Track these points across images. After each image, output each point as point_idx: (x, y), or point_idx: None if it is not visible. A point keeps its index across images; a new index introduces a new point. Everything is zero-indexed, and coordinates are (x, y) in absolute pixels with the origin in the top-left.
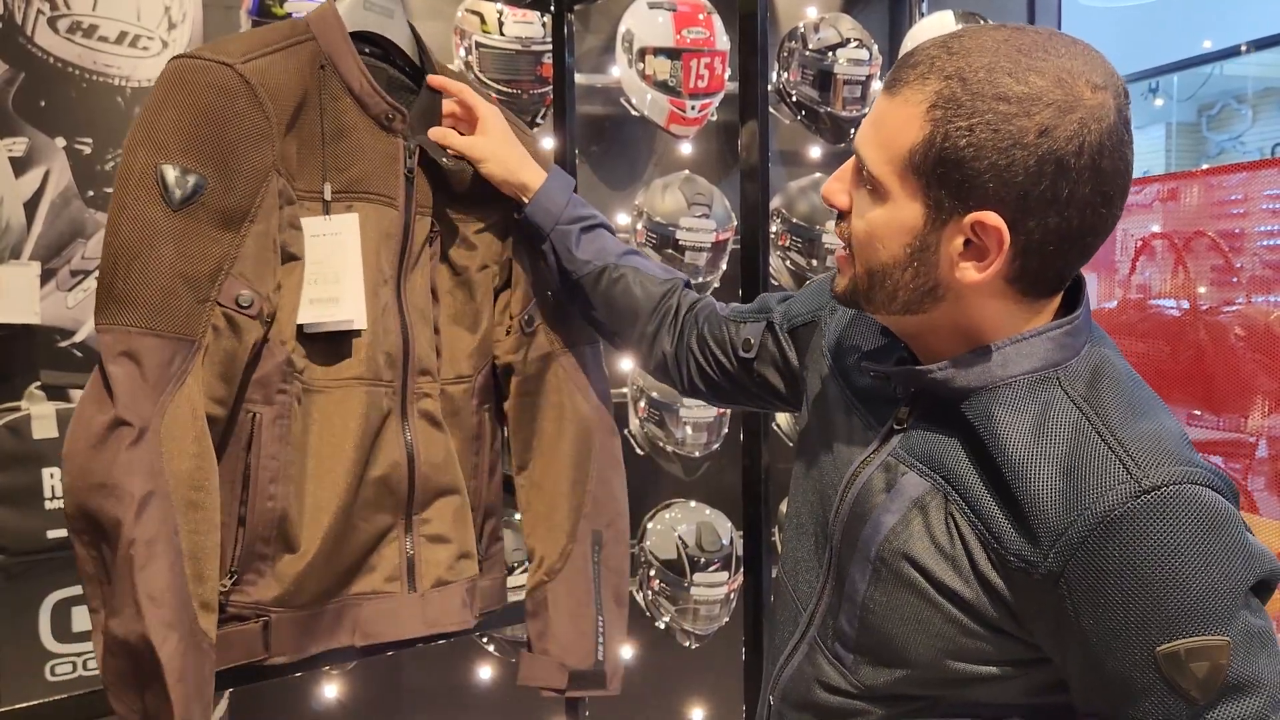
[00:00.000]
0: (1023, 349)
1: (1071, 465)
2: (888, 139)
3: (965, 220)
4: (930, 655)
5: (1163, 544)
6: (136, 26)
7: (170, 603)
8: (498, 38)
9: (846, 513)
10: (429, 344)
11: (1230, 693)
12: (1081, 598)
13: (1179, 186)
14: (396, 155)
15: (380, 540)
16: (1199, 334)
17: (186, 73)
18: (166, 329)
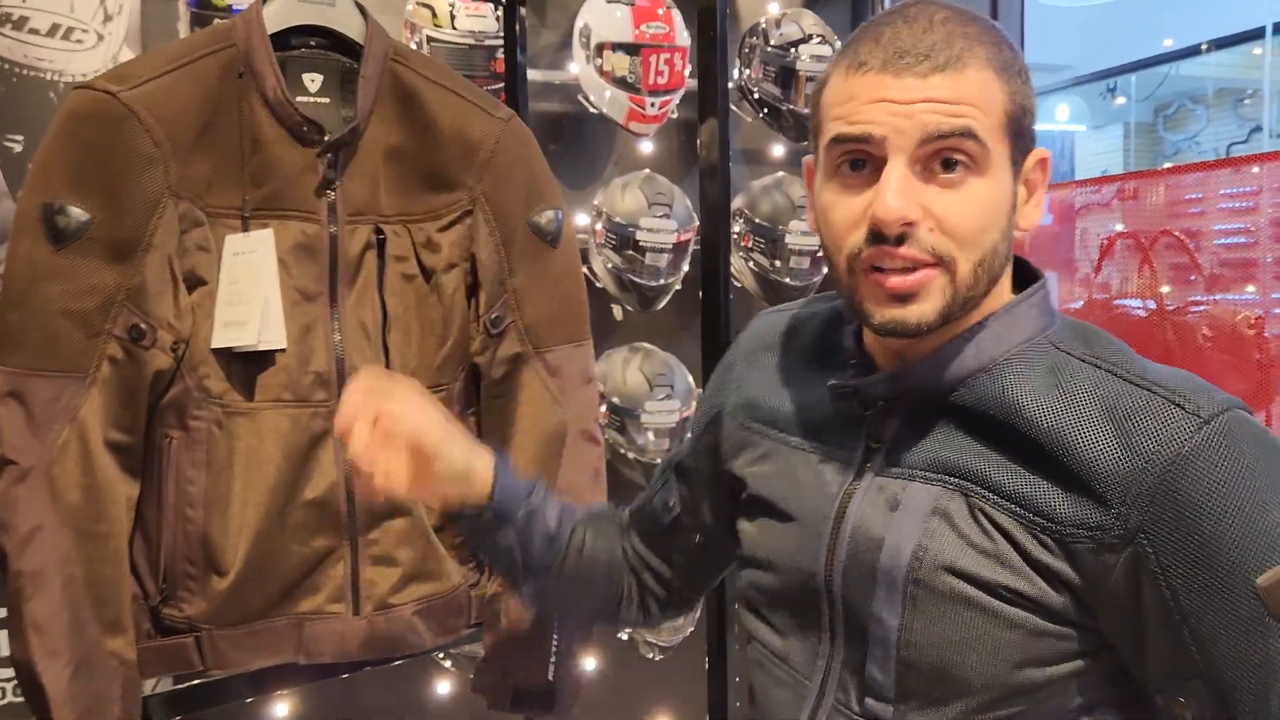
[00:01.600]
0: (1012, 321)
1: (1115, 415)
2: (983, 108)
3: (1026, 164)
4: (993, 671)
5: (1237, 470)
6: (70, 19)
7: (58, 631)
8: (449, 31)
9: (845, 556)
10: (373, 360)
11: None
12: (1167, 549)
13: (1139, 186)
14: (313, 166)
15: (323, 561)
16: (1166, 334)
17: (75, 105)
18: (52, 368)
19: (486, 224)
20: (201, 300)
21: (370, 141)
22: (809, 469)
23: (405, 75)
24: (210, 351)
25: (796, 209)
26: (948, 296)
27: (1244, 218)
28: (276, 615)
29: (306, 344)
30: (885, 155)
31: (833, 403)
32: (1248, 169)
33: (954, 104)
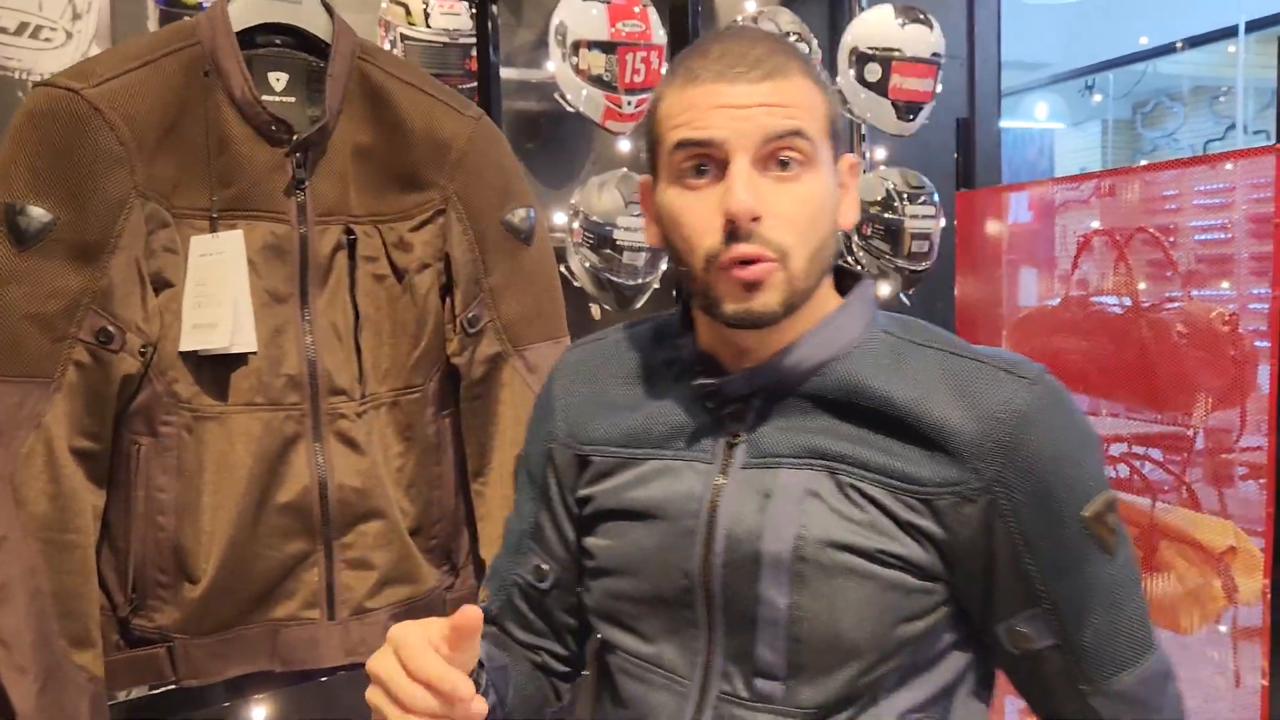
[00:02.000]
0: (851, 315)
1: (958, 386)
2: (808, 110)
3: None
4: (878, 632)
5: (1066, 422)
6: (38, 17)
7: (24, 646)
8: (424, 29)
9: (722, 550)
10: (344, 363)
11: (1122, 538)
12: (1018, 493)
13: (1116, 183)
14: (282, 166)
15: (297, 566)
16: (1141, 331)
17: (35, 103)
18: (15, 372)
19: (460, 223)
20: (169, 303)
21: (339, 141)
22: (664, 475)
23: (373, 74)
24: (179, 355)
25: None
26: (787, 289)
27: (1220, 214)
28: (250, 622)
29: (277, 346)
30: (728, 157)
31: (676, 408)
32: (1222, 165)
33: (785, 106)
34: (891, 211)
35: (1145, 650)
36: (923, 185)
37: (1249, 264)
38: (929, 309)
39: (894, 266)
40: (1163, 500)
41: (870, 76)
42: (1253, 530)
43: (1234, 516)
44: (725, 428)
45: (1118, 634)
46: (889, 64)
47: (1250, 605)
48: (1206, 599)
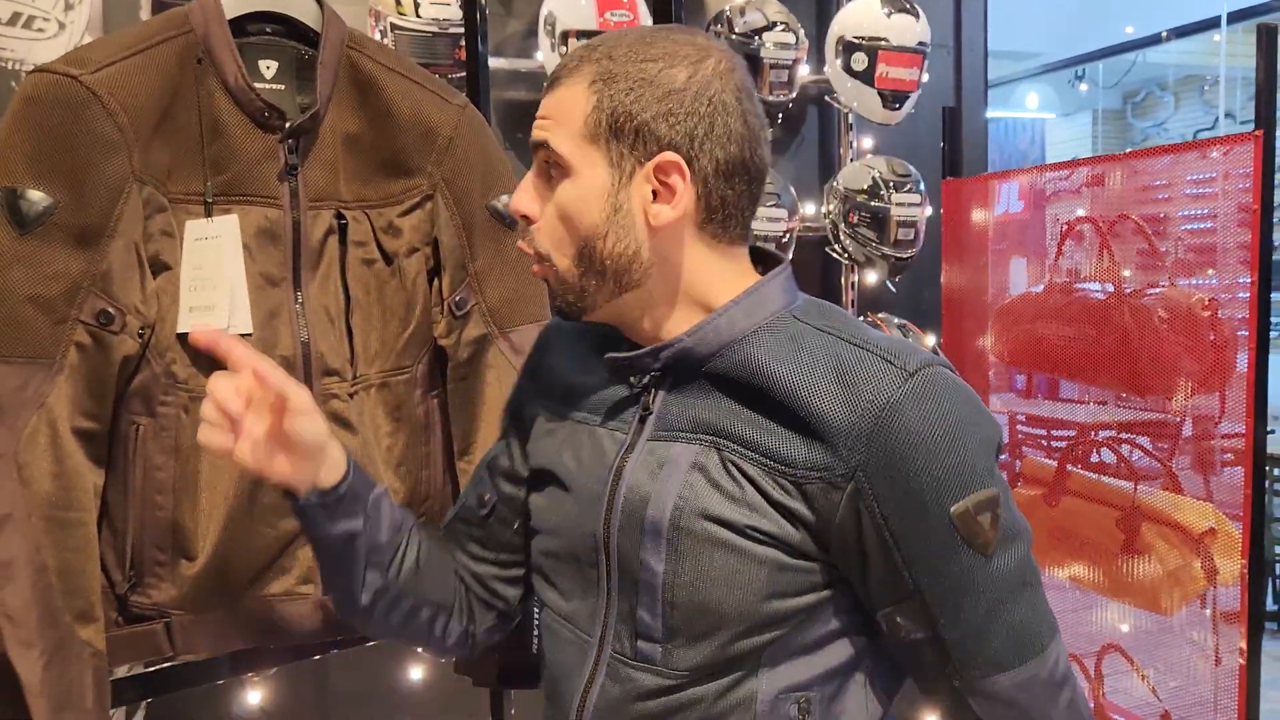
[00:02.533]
0: (758, 299)
1: (841, 372)
2: (560, 120)
3: (648, 167)
4: (746, 604)
5: (937, 415)
6: (30, 7)
7: (30, 621)
8: (414, 19)
9: (620, 513)
10: (336, 344)
11: (1006, 539)
12: (880, 484)
13: (1105, 171)
14: (275, 152)
15: (291, 543)
16: (1124, 317)
17: (35, 88)
18: (18, 354)
19: (447, 208)
20: (166, 285)
21: (329, 128)
22: (590, 440)
23: (362, 62)
24: (176, 337)
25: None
26: (561, 288)
27: (1207, 203)
28: (246, 598)
29: (271, 329)
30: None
31: (610, 380)
32: (1208, 153)
33: (546, 120)
34: (878, 200)
35: (1028, 655)
36: (909, 174)
37: (1236, 252)
38: (916, 296)
39: (880, 254)
40: (1146, 485)
41: (857, 65)
42: (1233, 514)
43: (1217, 501)
44: (639, 401)
45: (994, 635)
46: (875, 53)
47: (1229, 587)
48: (1186, 580)
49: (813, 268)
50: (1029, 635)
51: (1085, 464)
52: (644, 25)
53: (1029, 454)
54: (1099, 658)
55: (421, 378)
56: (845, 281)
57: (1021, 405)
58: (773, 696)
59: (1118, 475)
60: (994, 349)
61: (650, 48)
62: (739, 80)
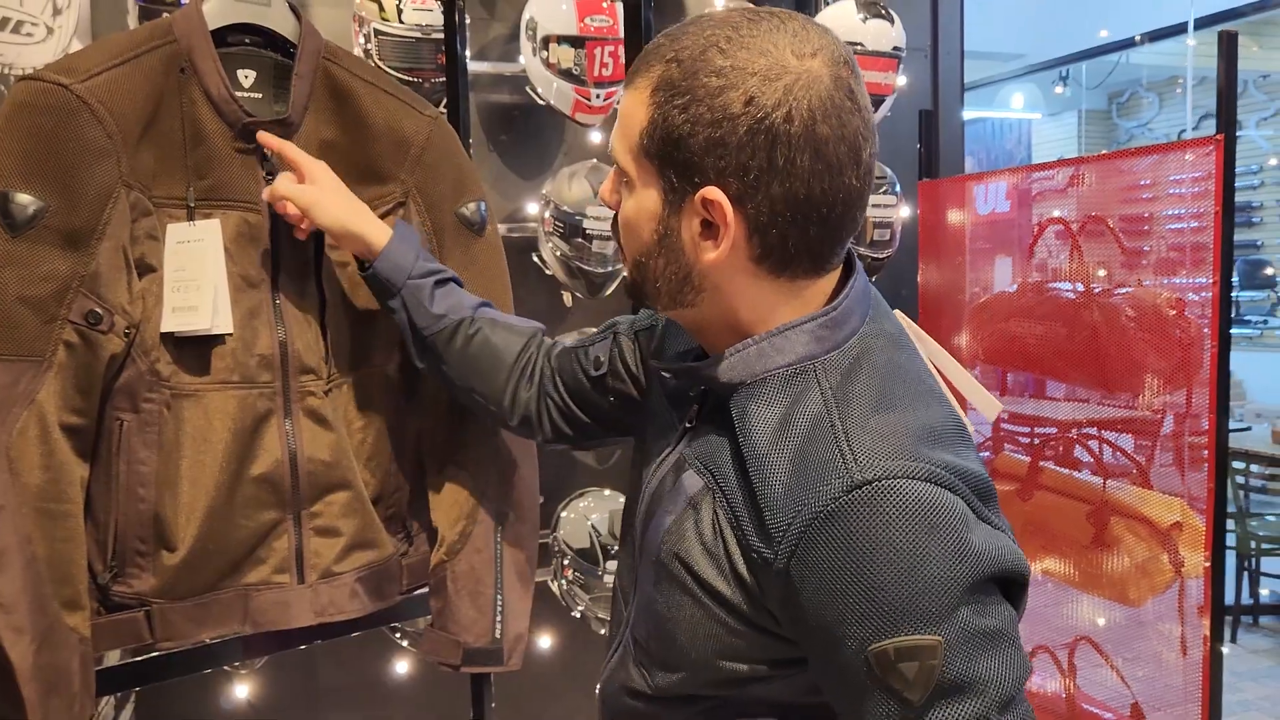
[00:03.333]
0: (779, 343)
1: (802, 458)
2: (625, 129)
3: (696, 199)
4: (704, 655)
5: (872, 540)
6: (19, 12)
7: (21, 608)
8: (396, 25)
9: (644, 514)
10: (312, 343)
11: (947, 694)
12: (807, 592)
13: (1085, 171)
14: (254, 159)
15: (269, 534)
16: (1093, 315)
17: (25, 96)
18: (9, 352)
19: (419, 214)
20: (150, 286)
21: (305, 136)
22: (658, 424)
23: (337, 73)
24: (160, 336)
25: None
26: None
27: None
28: (224, 588)
29: (251, 328)
30: None
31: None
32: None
33: (619, 122)
34: None
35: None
36: (884, 175)
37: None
38: (894, 295)
39: (857, 254)
40: (1117, 480)
41: None
42: (1202, 509)
43: (1191, 496)
44: (687, 411)
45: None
46: None
47: (1195, 578)
48: (1154, 572)
49: None
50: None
51: (1068, 461)
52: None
53: (1008, 451)
54: (1071, 649)
55: (393, 375)
56: None
57: (1004, 404)
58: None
59: (1093, 472)
60: (968, 347)
61: (723, 55)
62: (818, 97)
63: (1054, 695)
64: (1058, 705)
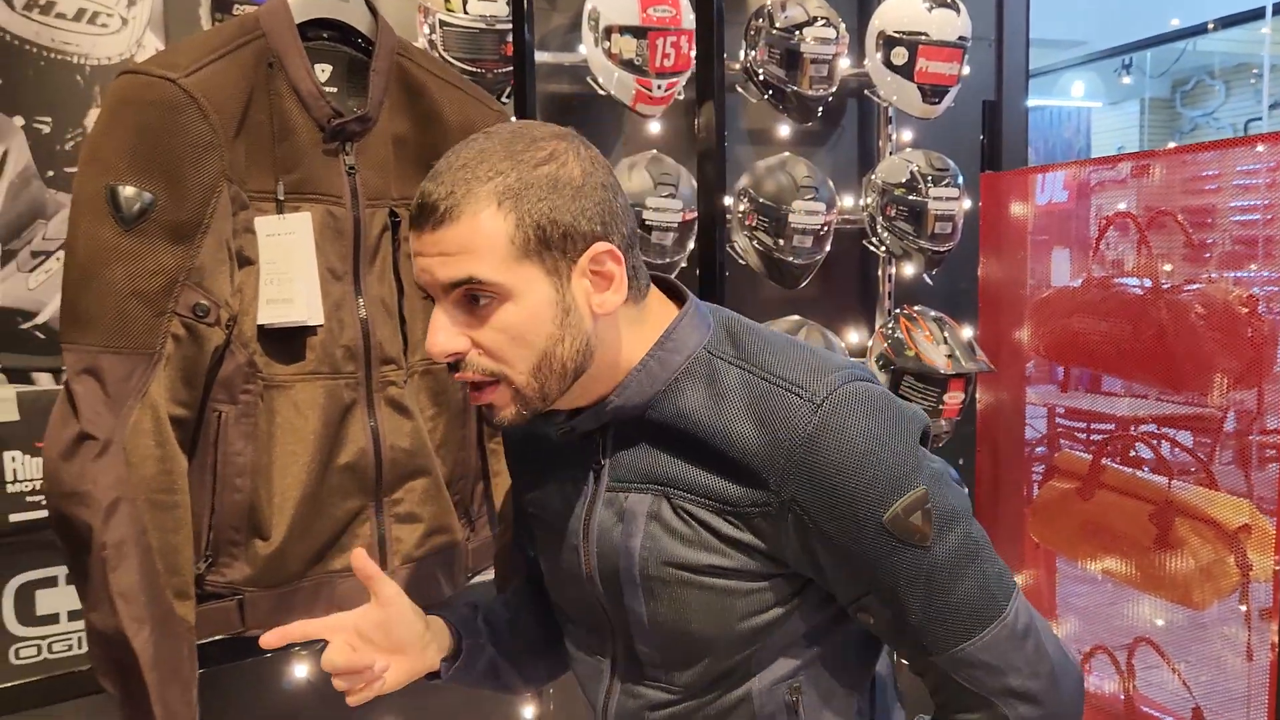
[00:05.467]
0: (665, 354)
1: (758, 413)
2: (476, 250)
3: (582, 263)
4: (725, 628)
5: (849, 437)
6: (95, 3)
7: (140, 598)
8: (461, 16)
9: (596, 561)
10: (392, 334)
11: (942, 527)
12: (814, 509)
13: (1151, 162)
14: (337, 153)
15: (353, 521)
16: (1160, 312)
17: (130, 90)
18: (124, 346)
19: None
20: (247, 279)
21: (380, 130)
22: (561, 492)
23: (410, 69)
24: (256, 328)
25: (800, 189)
26: (520, 401)
27: (1255, 195)
28: (311, 575)
29: (337, 320)
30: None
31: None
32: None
33: (455, 255)
34: (915, 194)
35: (987, 620)
36: (946, 167)
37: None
38: (952, 289)
39: (917, 247)
40: (1181, 480)
41: (896, 60)
42: (1271, 510)
43: (1257, 497)
44: (593, 455)
45: (948, 614)
46: (915, 48)
47: (1264, 582)
48: (1220, 575)
49: (850, 260)
50: (985, 603)
51: (1124, 459)
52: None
53: (1065, 447)
54: (1130, 651)
55: None
56: (882, 274)
57: (1061, 399)
58: (767, 689)
59: (1155, 470)
60: (1030, 342)
61: (527, 151)
62: (596, 154)
63: (1112, 697)
64: (1115, 707)
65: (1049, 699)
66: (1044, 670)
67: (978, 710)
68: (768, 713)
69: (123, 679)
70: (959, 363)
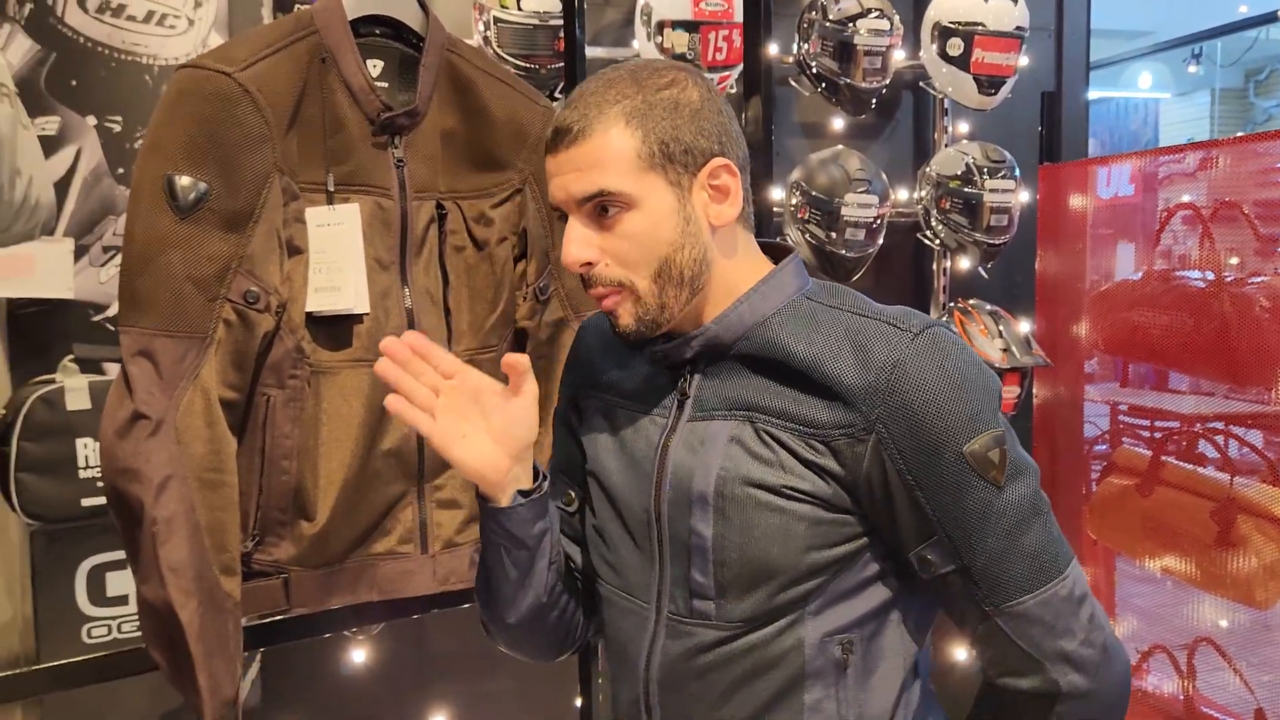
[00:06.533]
0: (768, 289)
1: (856, 342)
2: (606, 164)
3: (701, 176)
4: (789, 556)
5: (941, 367)
6: (164, 5)
7: (189, 572)
8: (515, 12)
9: (669, 485)
10: (437, 323)
11: (1015, 473)
12: (898, 433)
13: (1219, 154)
14: (385, 146)
15: (395, 505)
16: (1224, 305)
17: (189, 83)
18: (178, 329)
19: (534, 201)
20: (296, 267)
21: (429, 125)
22: (635, 426)
23: (460, 65)
24: (304, 315)
25: (852, 181)
26: (639, 310)
27: None
28: (354, 557)
29: (383, 308)
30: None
31: (649, 370)
32: None
33: (587, 170)
34: (970, 186)
35: (1048, 577)
36: (1003, 159)
37: None
38: (1009, 282)
39: (972, 240)
40: (1245, 478)
41: (952, 51)
42: None
43: None
44: (679, 387)
45: (1013, 560)
46: (971, 38)
47: None
48: None
49: (904, 253)
50: (1047, 559)
51: (1190, 456)
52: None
53: (1127, 444)
54: (1191, 651)
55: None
56: (937, 267)
57: (1124, 395)
58: (818, 640)
59: (1220, 468)
60: (1089, 337)
61: (655, 78)
62: (713, 84)
63: (1171, 697)
64: (1175, 707)
65: (1099, 674)
66: (1098, 641)
67: (1029, 675)
68: (816, 667)
69: (170, 650)
70: (1014, 357)
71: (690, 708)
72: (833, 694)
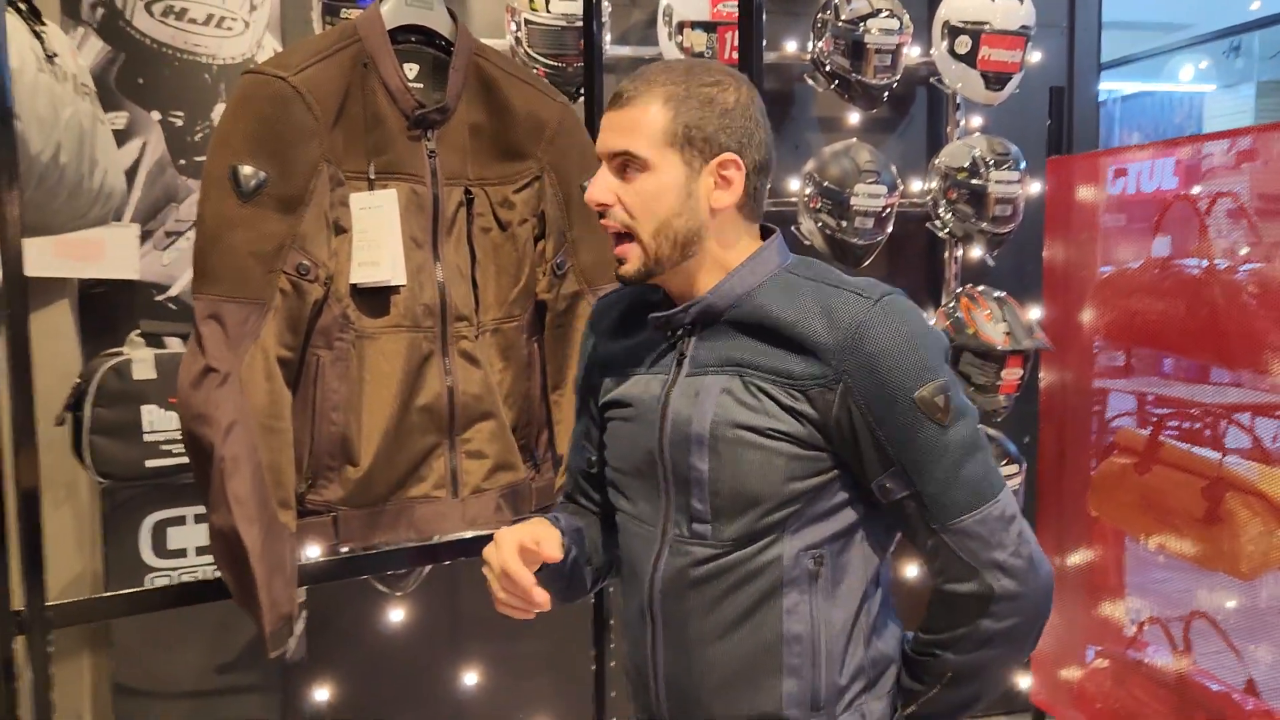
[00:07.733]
0: (755, 265)
1: (825, 307)
2: (640, 130)
3: (712, 165)
4: (771, 486)
5: (895, 327)
6: (222, 9)
7: (251, 502)
8: (544, 15)
9: (670, 430)
10: (465, 295)
11: (957, 415)
12: (860, 383)
13: (1258, 145)
14: (420, 140)
15: (429, 455)
16: (1214, 291)
17: (251, 86)
18: (242, 296)
19: (552, 187)
20: (342, 245)
21: (459, 120)
22: (642, 383)
23: (485, 67)
24: (349, 286)
25: (862, 173)
26: (643, 257)
27: None
28: (393, 500)
29: (418, 281)
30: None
31: (651, 337)
32: None
33: (622, 131)
34: (976, 177)
35: (984, 500)
36: (1008, 152)
37: None
38: (1018, 270)
39: (978, 229)
40: (1236, 456)
41: (960, 48)
42: None
43: None
44: (676, 349)
45: (956, 486)
46: (978, 36)
47: None
48: (1268, 547)
49: (916, 242)
50: (983, 486)
51: (1191, 437)
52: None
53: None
54: (1186, 625)
55: (527, 325)
56: (949, 256)
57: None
58: (794, 554)
59: (1213, 448)
60: (1091, 323)
61: (704, 75)
62: (761, 102)
63: (1165, 668)
64: (1168, 678)
65: (1026, 579)
66: (1025, 554)
67: (968, 580)
68: (793, 577)
69: (237, 569)
70: (1016, 340)
71: (687, 612)
72: (807, 599)
